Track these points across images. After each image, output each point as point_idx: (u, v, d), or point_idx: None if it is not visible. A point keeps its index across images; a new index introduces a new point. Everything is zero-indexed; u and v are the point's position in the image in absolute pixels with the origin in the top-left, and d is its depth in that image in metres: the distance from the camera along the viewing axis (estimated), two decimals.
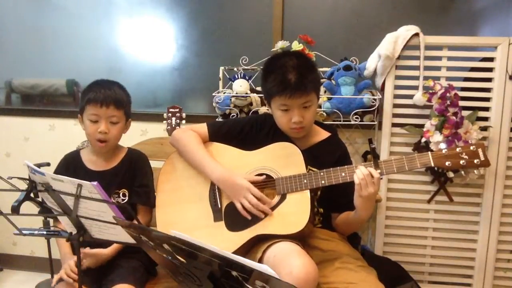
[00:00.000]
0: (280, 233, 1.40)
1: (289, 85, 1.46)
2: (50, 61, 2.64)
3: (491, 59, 1.99)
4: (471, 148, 1.38)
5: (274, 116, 1.58)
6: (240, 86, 2.09)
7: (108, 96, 1.62)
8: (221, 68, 2.27)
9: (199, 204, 1.55)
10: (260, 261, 1.37)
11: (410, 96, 2.01)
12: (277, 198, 1.47)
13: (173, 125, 1.81)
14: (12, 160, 2.66)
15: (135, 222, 1.25)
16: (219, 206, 1.53)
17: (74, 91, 2.61)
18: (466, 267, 2.11)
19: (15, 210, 1.36)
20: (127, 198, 1.70)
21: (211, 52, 2.46)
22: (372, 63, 2.04)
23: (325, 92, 2.08)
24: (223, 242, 1.45)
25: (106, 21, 2.56)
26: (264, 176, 1.52)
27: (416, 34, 1.98)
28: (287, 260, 1.28)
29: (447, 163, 1.38)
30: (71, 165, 1.71)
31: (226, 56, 2.39)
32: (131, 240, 1.14)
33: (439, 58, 2.02)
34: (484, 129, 1.98)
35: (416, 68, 2.00)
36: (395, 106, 2.05)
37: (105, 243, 1.52)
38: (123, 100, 1.67)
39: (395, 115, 2.06)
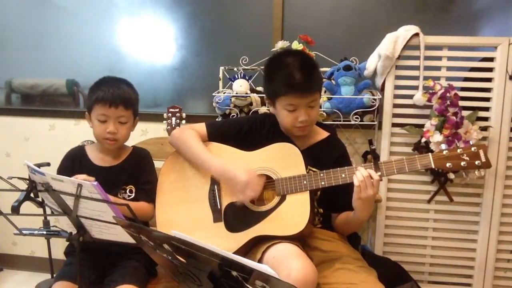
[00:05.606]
0: (279, 234, 1.40)
1: (297, 85, 1.46)
2: (50, 61, 2.63)
3: (491, 59, 1.99)
4: (472, 149, 1.37)
5: (278, 116, 1.57)
6: (240, 86, 2.09)
7: (117, 96, 1.58)
8: (221, 68, 2.27)
9: (199, 204, 1.55)
10: (259, 262, 1.36)
11: (410, 96, 2.01)
12: (276, 199, 1.47)
13: (173, 125, 1.81)
14: (12, 160, 2.66)
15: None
16: (219, 206, 1.52)
17: (74, 91, 2.61)
18: (466, 267, 2.11)
19: (15, 210, 1.36)
20: (133, 194, 1.68)
21: (211, 52, 2.46)
22: (372, 63, 2.04)
23: (325, 92, 2.07)
24: (223, 243, 1.44)
25: (106, 21, 2.55)
26: (265, 177, 1.51)
27: (416, 34, 1.98)
28: (286, 262, 1.28)
29: (448, 165, 1.38)
30: (76, 160, 1.68)
31: (226, 56, 2.38)
32: (131, 240, 1.14)
33: (439, 58, 2.02)
34: (484, 129, 1.97)
35: (416, 68, 2.00)
36: (395, 106, 2.05)
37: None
38: (132, 100, 1.65)
39: (395, 115, 2.06)
